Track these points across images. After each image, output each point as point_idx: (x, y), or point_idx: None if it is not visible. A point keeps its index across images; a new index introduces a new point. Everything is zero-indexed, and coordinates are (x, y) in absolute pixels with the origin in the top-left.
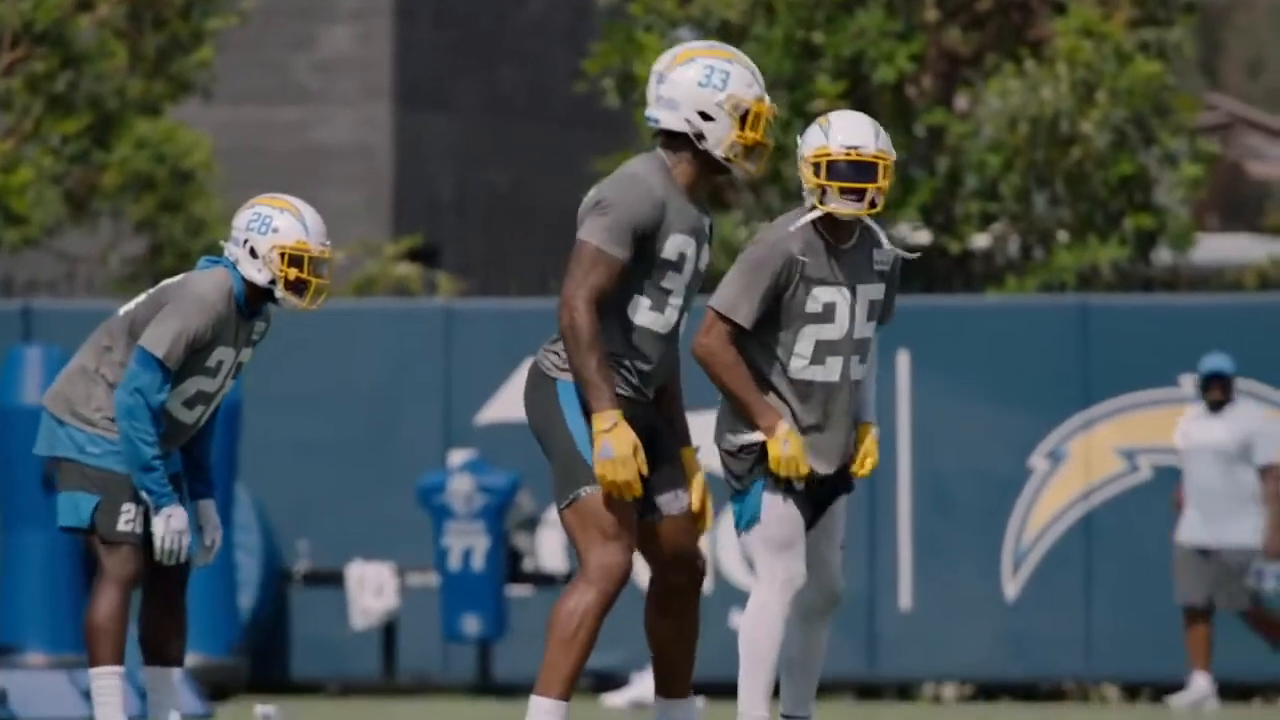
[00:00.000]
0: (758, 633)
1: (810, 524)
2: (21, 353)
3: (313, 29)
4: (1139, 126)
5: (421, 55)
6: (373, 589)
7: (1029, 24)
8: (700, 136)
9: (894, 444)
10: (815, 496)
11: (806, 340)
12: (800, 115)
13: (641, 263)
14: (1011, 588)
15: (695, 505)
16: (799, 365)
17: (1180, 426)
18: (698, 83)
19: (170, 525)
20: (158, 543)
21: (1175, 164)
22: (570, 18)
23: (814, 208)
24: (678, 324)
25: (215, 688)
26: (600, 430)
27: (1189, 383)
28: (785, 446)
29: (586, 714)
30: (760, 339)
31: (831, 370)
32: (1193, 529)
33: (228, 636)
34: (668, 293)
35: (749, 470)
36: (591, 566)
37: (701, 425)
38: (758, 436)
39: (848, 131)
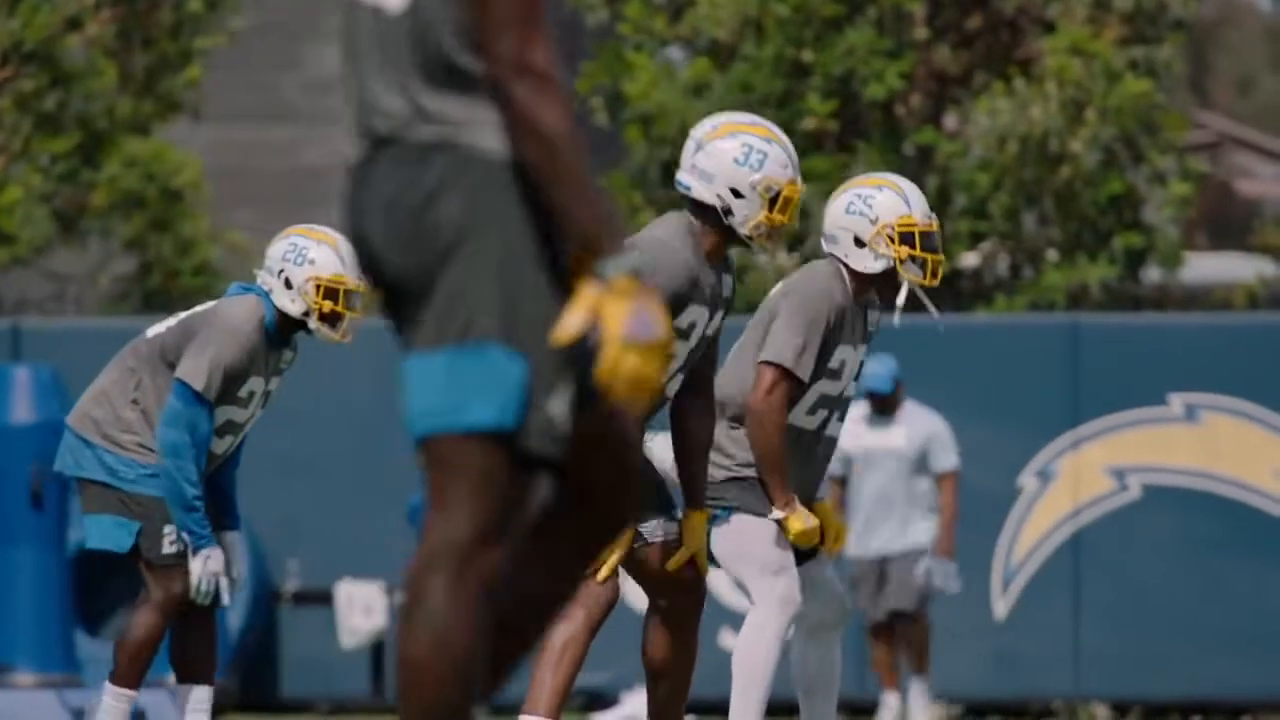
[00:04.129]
0: (754, 653)
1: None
2: (10, 372)
3: (302, 49)
4: (1128, 145)
5: None
6: (361, 608)
7: (1018, 43)
8: (728, 212)
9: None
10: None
11: (811, 392)
12: (790, 134)
13: None
14: (1001, 606)
15: (671, 566)
16: (797, 413)
17: (849, 430)
18: (734, 159)
19: (208, 567)
20: (194, 583)
21: (1164, 182)
22: (558, 38)
23: (882, 271)
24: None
25: None
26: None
27: (1178, 402)
28: (808, 521)
29: None
30: None
31: (816, 421)
32: (868, 538)
33: (217, 656)
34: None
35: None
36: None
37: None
38: (778, 514)
39: (922, 202)
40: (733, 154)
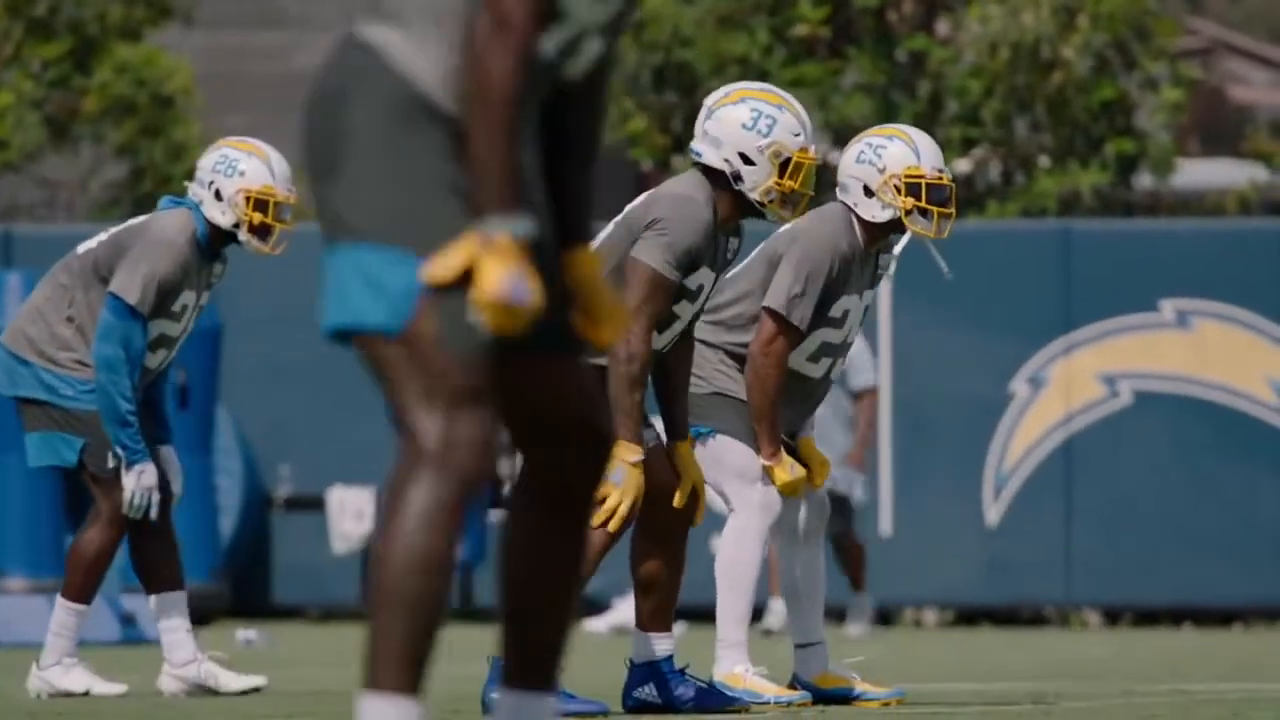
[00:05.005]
0: (737, 557)
1: None
2: (2, 278)
3: None
4: (1120, 51)
5: None
6: (353, 514)
7: None
8: (738, 178)
9: (875, 370)
10: None
11: (813, 340)
12: (782, 41)
13: None
14: (992, 513)
15: (679, 503)
16: (796, 359)
17: None
18: (742, 124)
19: (141, 482)
20: (127, 497)
21: (1156, 89)
22: None
23: (888, 221)
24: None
25: (196, 612)
26: (624, 459)
27: (1170, 308)
28: (793, 471)
29: None
30: None
31: (820, 369)
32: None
33: (208, 561)
34: (674, 319)
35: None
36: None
37: None
38: (765, 463)
39: (934, 153)
40: (741, 119)
